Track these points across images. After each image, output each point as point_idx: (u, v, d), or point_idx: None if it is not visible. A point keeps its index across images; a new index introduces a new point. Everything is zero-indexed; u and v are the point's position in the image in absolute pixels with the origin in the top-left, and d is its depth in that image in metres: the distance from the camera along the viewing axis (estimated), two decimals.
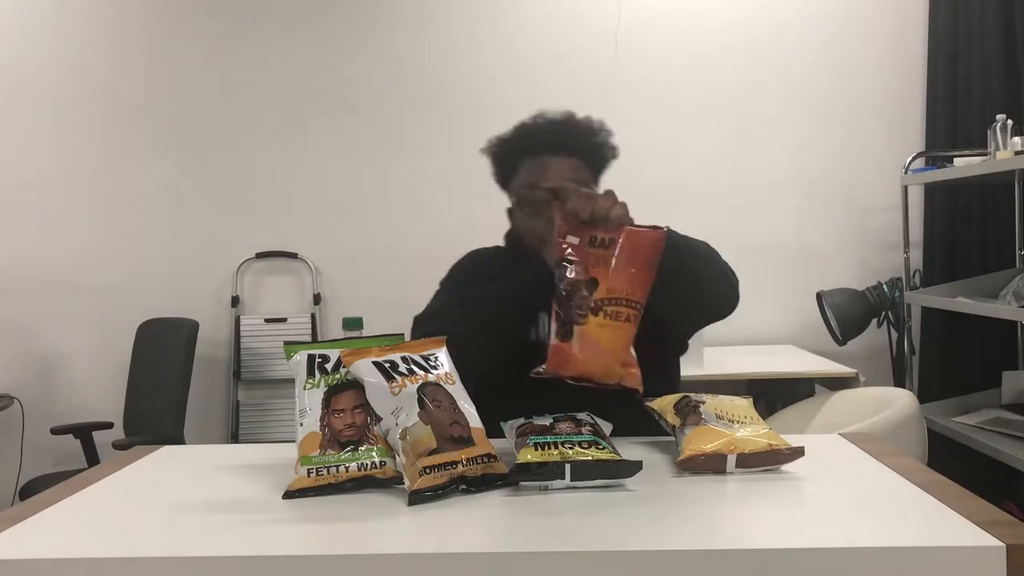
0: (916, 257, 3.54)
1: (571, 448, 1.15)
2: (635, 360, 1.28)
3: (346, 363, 1.21)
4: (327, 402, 1.20)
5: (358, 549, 0.97)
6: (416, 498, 1.09)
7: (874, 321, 3.33)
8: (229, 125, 3.71)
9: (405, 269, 3.48)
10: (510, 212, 1.66)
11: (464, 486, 1.13)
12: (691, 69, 3.65)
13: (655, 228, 1.31)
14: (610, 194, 1.32)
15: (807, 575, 0.92)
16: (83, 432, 3.20)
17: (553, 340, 1.27)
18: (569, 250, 1.28)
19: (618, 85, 3.62)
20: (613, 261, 1.27)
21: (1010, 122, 2.76)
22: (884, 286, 3.33)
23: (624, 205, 1.30)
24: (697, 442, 1.22)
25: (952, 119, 3.46)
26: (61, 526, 1.07)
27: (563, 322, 1.26)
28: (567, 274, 1.27)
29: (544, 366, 1.27)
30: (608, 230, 1.28)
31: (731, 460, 1.20)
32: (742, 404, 1.32)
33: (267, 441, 3.54)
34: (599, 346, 1.24)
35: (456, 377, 1.24)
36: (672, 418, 1.30)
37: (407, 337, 1.35)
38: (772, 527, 1.04)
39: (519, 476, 1.14)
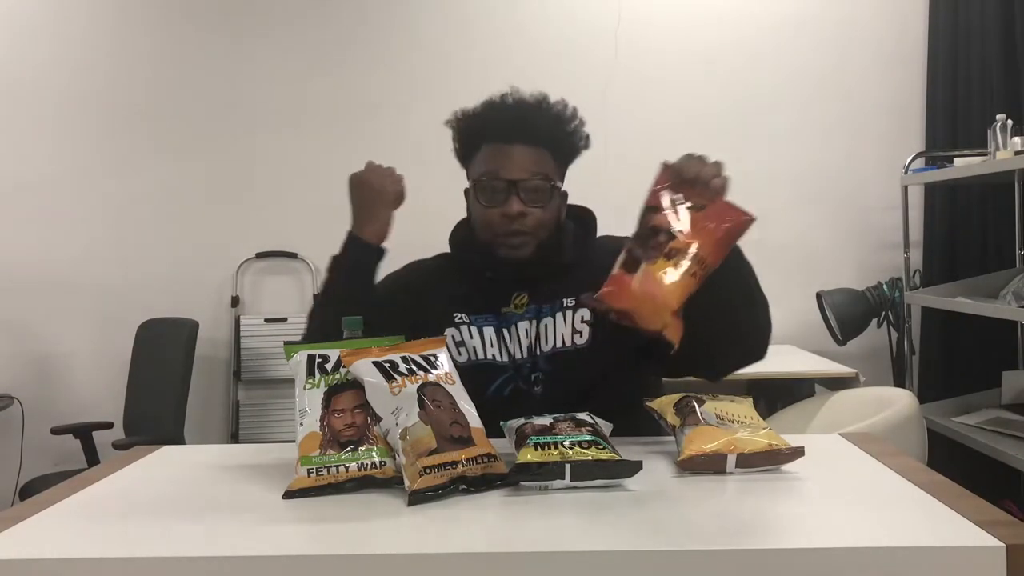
0: (916, 257, 3.54)
1: (571, 448, 1.15)
2: (681, 315, 1.25)
3: (346, 363, 1.21)
4: (327, 402, 1.19)
5: (358, 549, 0.97)
6: (416, 498, 1.09)
7: (874, 321, 3.33)
8: (229, 125, 3.71)
9: None
10: (467, 194, 1.60)
11: (464, 486, 1.13)
12: (691, 69, 3.65)
13: (747, 213, 1.29)
14: (718, 164, 1.30)
15: (807, 575, 0.92)
16: (83, 432, 3.20)
17: (616, 270, 1.26)
18: (658, 200, 1.27)
19: (618, 85, 3.62)
20: (699, 223, 1.26)
21: (1010, 122, 2.76)
22: (884, 286, 3.33)
23: (727, 179, 1.29)
24: (697, 442, 1.22)
25: (952, 119, 3.46)
26: (61, 526, 1.07)
27: (633, 257, 1.25)
28: (652, 218, 1.26)
29: (597, 294, 1.25)
30: (704, 195, 1.27)
31: (731, 460, 1.20)
32: (742, 404, 1.31)
33: (267, 441, 3.54)
34: (658, 288, 1.23)
35: (456, 377, 1.24)
36: (672, 418, 1.30)
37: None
38: (772, 527, 1.04)
39: (519, 476, 1.14)
